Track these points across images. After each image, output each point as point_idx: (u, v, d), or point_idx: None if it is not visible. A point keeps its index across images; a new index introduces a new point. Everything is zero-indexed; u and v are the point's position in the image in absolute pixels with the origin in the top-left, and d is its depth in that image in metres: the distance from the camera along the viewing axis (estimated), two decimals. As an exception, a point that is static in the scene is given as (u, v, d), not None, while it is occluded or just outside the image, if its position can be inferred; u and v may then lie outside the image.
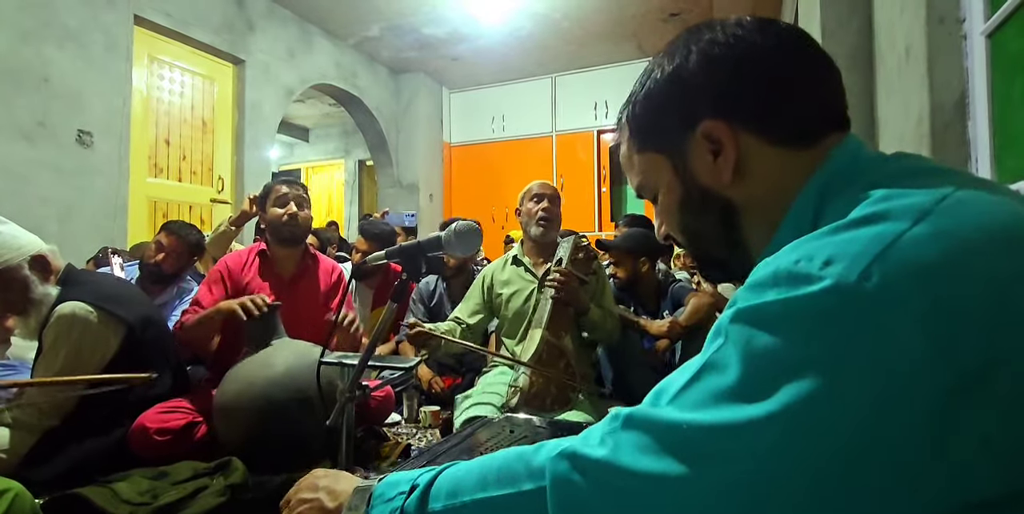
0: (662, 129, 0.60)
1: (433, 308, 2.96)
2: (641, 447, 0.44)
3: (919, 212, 0.40)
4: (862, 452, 0.37)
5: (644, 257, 2.49)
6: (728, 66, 0.55)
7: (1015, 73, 1.36)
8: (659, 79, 0.59)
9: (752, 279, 0.44)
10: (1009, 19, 1.36)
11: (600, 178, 5.88)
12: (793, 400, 0.38)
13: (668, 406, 0.45)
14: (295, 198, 2.10)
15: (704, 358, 0.45)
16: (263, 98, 4.51)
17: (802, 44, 0.56)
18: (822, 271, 0.39)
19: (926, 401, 0.35)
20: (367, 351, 1.05)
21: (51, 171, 3.09)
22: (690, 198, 0.60)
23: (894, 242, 0.38)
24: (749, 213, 0.57)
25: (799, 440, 0.38)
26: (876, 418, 0.36)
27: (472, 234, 1.07)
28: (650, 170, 0.63)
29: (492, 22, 4.93)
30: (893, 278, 0.37)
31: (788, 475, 0.38)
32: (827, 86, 0.56)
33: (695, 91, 0.56)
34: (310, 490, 0.68)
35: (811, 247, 0.41)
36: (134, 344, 1.71)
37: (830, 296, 0.38)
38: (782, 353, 0.39)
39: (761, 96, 0.54)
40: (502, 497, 0.52)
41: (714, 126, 0.55)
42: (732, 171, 0.55)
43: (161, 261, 2.52)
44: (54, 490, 1.39)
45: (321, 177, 8.48)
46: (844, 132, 0.55)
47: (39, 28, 3.04)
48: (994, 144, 1.44)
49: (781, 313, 0.40)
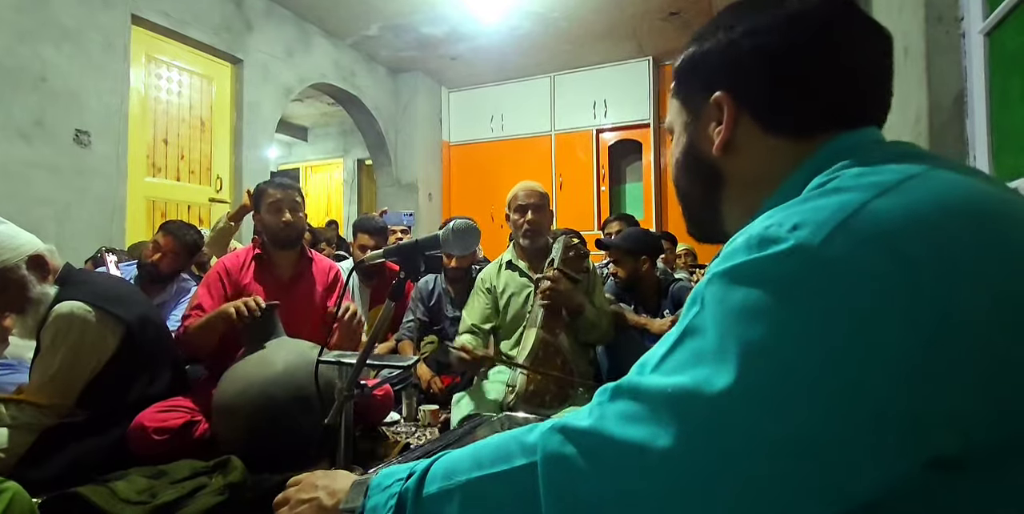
0: (692, 83, 0.63)
1: (433, 307, 2.96)
2: (628, 415, 0.45)
3: (883, 186, 0.43)
4: (826, 410, 0.38)
5: (644, 256, 2.49)
6: (757, 57, 0.57)
7: (1013, 71, 1.36)
8: (707, 40, 0.61)
9: (726, 248, 0.46)
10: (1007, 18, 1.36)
11: (599, 177, 5.87)
12: (760, 354, 0.40)
13: (652, 374, 0.46)
14: (288, 203, 2.09)
15: (683, 325, 0.46)
16: (261, 97, 4.50)
17: (846, 47, 0.55)
18: (789, 234, 0.42)
19: (883, 360, 0.37)
20: (365, 350, 1.05)
21: (49, 171, 3.08)
22: (686, 157, 0.65)
23: (857, 211, 0.41)
24: (732, 186, 0.62)
25: (770, 396, 0.39)
26: (839, 370, 0.38)
27: (470, 232, 1.07)
28: (675, 116, 0.67)
29: (491, 21, 4.93)
30: (853, 243, 0.40)
31: (768, 432, 0.39)
32: (853, 93, 0.56)
33: (725, 61, 0.59)
34: (308, 489, 0.68)
35: (781, 215, 0.44)
36: (132, 343, 1.71)
37: (795, 256, 0.41)
38: (752, 308, 0.41)
39: (770, 92, 0.57)
40: (495, 474, 0.52)
41: (724, 99, 0.58)
42: (723, 145, 0.59)
43: (158, 261, 2.51)
44: (52, 489, 1.38)
45: (320, 176, 8.47)
46: (852, 129, 0.56)
47: (36, 28, 3.03)
48: (992, 142, 1.44)
49: (752, 271, 0.43)
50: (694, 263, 4.43)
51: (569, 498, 0.47)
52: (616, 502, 0.44)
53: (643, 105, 5.72)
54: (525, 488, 0.49)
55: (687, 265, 4.29)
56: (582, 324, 2.05)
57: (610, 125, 5.87)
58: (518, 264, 2.23)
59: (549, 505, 0.47)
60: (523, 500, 0.49)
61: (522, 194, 2.19)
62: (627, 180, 6.22)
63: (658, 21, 4.95)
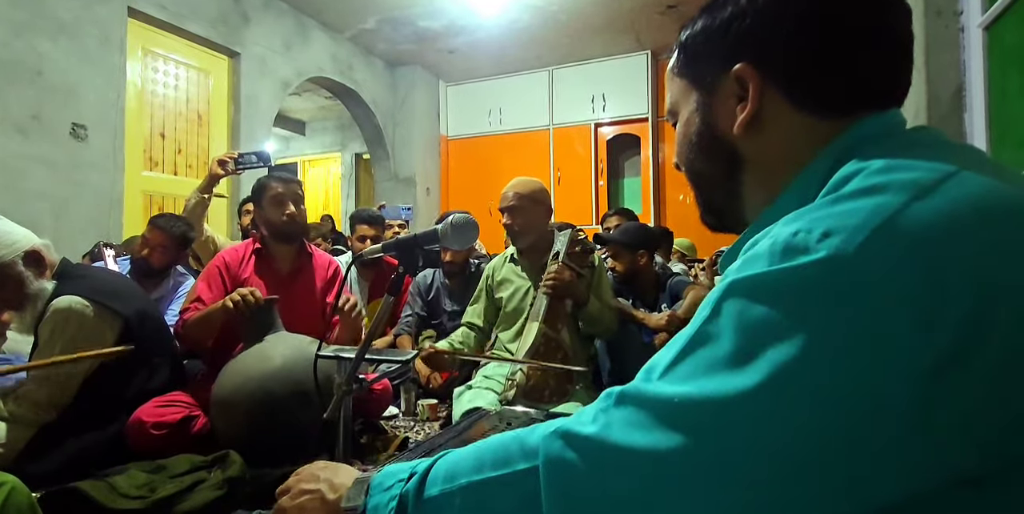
0: (705, 57, 0.58)
1: (431, 302, 2.96)
2: (633, 423, 0.44)
3: (919, 188, 0.40)
4: (849, 423, 0.37)
5: (642, 250, 2.49)
6: (788, 20, 0.53)
7: (1011, 65, 1.36)
8: (727, 7, 0.56)
9: (747, 253, 0.44)
10: (1006, 12, 1.35)
11: (597, 171, 5.86)
12: (785, 370, 0.38)
13: (659, 381, 0.45)
14: (292, 196, 2.08)
15: (693, 331, 0.44)
16: (259, 91, 4.48)
17: (874, 15, 0.52)
18: (820, 243, 0.39)
19: (912, 374, 0.36)
20: (364, 344, 1.05)
21: (45, 165, 3.07)
22: (702, 138, 0.60)
23: (892, 217, 0.38)
24: (753, 169, 0.57)
25: (790, 409, 0.38)
26: (864, 390, 0.36)
27: (468, 227, 1.07)
28: (680, 96, 0.63)
29: (489, 14, 4.91)
30: (888, 252, 0.37)
31: (779, 445, 0.38)
32: (883, 65, 0.53)
33: (748, 31, 0.54)
34: (311, 481, 0.68)
35: (809, 219, 0.41)
36: (130, 338, 1.71)
37: (827, 267, 0.38)
38: (777, 323, 0.39)
39: (801, 60, 0.53)
40: (497, 477, 0.52)
41: (747, 71, 0.54)
42: (747, 122, 0.55)
43: (149, 256, 2.49)
44: (51, 484, 1.39)
45: (317, 171, 8.45)
46: (882, 110, 0.53)
47: (32, 21, 3.01)
48: (990, 136, 1.44)
49: (778, 283, 0.40)
50: (692, 258, 4.43)
51: (571, 503, 0.46)
52: (619, 508, 0.44)
53: (642, 99, 5.71)
54: (527, 492, 0.49)
55: (684, 260, 4.29)
56: (585, 317, 2.07)
57: (609, 119, 5.86)
58: (519, 259, 2.27)
59: (551, 510, 0.47)
60: (525, 504, 0.49)
61: (502, 197, 2.20)
62: (625, 174, 6.22)
63: (656, 14, 4.94)
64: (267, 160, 2.60)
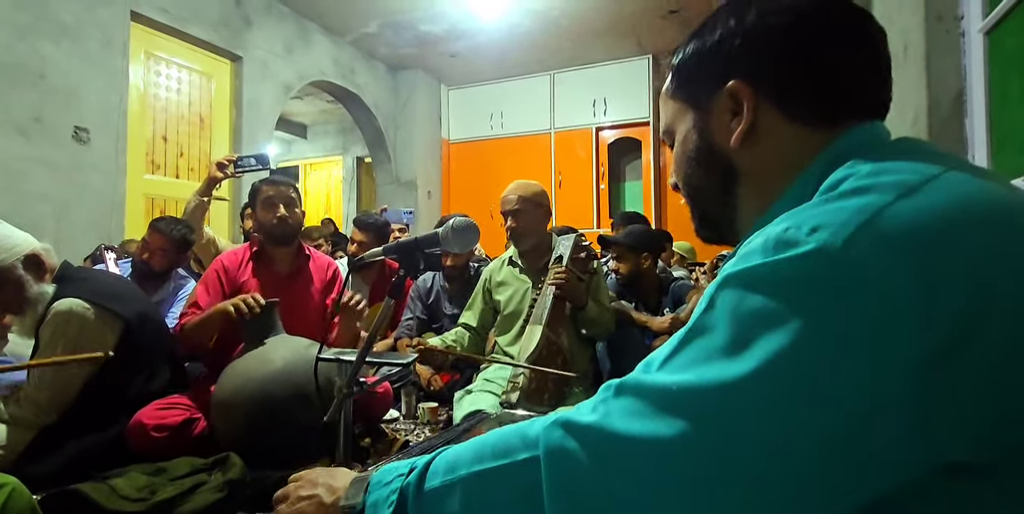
0: (699, 78, 0.61)
1: (431, 305, 2.96)
2: (633, 411, 0.45)
3: (905, 188, 0.42)
4: (841, 412, 0.38)
5: (646, 253, 2.50)
6: (775, 36, 0.56)
7: (1012, 70, 1.36)
8: (716, 31, 0.59)
9: (742, 249, 0.45)
10: (1007, 16, 1.36)
11: (599, 175, 5.87)
12: (780, 356, 0.39)
13: (658, 372, 0.46)
14: (283, 199, 2.09)
15: (691, 324, 0.46)
16: (261, 95, 4.50)
17: (855, 29, 0.55)
18: (808, 237, 0.41)
19: (907, 363, 0.37)
20: (365, 347, 1.05)
21: (47, 168, 3.08)
22: (699, 153, 0.62)
23: (878, 212, 0.40)
24: (748, 181, 0.59)
25: (786, 394, 0.39)
26: (854, 378, 0.38)
27: (469, 230, 1.07)
28: (675, 117, 0.65)
29: (490, 19, 4.92)
30: (873, 247, 0.39)
31: (777, 429, 0.39)
32: (866, 75, 0.56)
33: (739, 49, 0.57)
34: (308, 486, 0.68)
35: (800, 217, 0.43)
36: (131, 340, 1.71)
37: (815, 259, 0.40)
38: (769, 312, 0.40)
39: (791, 73, 0.55)
40: (498, 467, 0.52)
41: (740, 87, 0.56)
42: (743, 136, 0.57)
43: (150, 259, 2.50)
44: (52, 486, 1.38)
45: (319, 174, 8.46)
46: (870, 120, 0.55)
47: (35, 24, 3.03)
48: (991, 141, 1.44)
49: (769, 274, 0.42)
50: (693, 261, 4.43)
51: (572, 492, 0.47)
52: (619, 497, 0.44)
53: (643, 103, 5.72)
54: (528, 482, 0.50)
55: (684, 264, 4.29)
56: (583, 319, 2.09)
57: (610, 123, 5.87)
58: (518, 262, 2.28)
59: (552, 499, 0.47)
60: (525, 494, 0.50)
61: (502, 201, 2.22)
62: (626, 178, 6.22)
63: (658, 19, 4.95)
64: (266, 163, 2.60)
